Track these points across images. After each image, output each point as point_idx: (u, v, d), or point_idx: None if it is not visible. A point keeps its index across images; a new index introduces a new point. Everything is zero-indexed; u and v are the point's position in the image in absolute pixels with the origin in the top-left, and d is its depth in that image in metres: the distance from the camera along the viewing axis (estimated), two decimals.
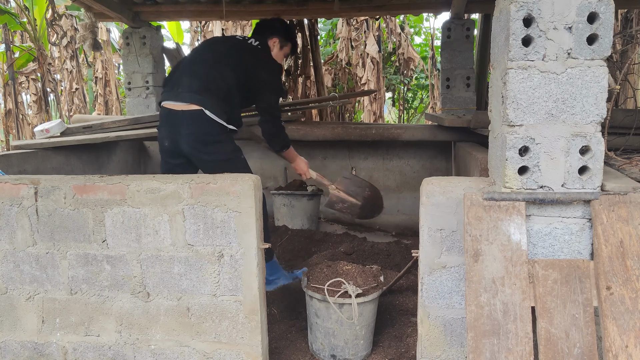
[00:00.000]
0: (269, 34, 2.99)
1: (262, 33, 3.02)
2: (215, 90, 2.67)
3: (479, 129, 3.28)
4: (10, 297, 2.09)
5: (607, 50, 1.54)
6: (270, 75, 2.86)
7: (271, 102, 2.84)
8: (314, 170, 3.20)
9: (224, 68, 2.74)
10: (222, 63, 2.77)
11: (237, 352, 1.99)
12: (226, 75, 2.73)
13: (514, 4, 1.53)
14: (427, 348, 1.86)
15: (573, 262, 1.57)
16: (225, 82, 2.71)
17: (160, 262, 1.98)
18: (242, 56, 2.84)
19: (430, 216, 1.79)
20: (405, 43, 8.19)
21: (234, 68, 2.76)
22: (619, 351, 1.47)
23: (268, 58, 2.94)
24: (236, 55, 2.83)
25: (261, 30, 3.05)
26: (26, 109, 8.66)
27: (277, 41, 2.99)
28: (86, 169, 3.96)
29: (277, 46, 3.00)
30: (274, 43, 2.99)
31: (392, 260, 3.40)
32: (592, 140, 1.58)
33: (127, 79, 4.62)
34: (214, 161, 2.69)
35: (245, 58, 2.83)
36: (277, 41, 2.99)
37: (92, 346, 2.07)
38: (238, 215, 1.90)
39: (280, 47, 3.02)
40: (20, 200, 2.02)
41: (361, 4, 4.35)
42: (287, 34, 3.05)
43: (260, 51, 2.94)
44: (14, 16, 6.42)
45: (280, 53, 3.04)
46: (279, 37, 2.99)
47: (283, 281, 2.90)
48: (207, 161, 2.71)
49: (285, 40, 3.04)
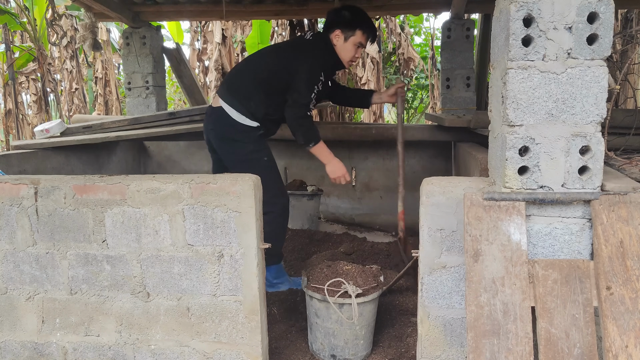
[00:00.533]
0: (330, 28, 2.78)
1: (326, 27, 2.82)
2: (242, 88, 2.71)
3: (479, 129, 3.28)
4: (10, 297, 2.09)
5: (607, 50, 1.54)
6: (304, 67, 2.64)
7: (300, 90, 2.63)
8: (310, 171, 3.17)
9: (258, 66, 2.77)
10: (256, 61, 2.82)
11: (237, 352, 1.99)
12: (258, 72, 2.72)
13: (514, 4, 1.53)
14: (427, 348, 1.86)
15: (573, 262, 1.57)
16: (254, 80, 2.70)
17: (160, 262, 1.98)
18: (281, 53, 2.77)
19: (430, 216, 1.79)
20: (405, 43, 8.19)
21: (269, 66, 2.72)
22: (619, 351, 1.47)
23: (308, 51, 2.71)
24: (275, 53, 2.82)
25: (325, 24, 2.86)
26: (26, 109, 8.66)
27: (339, 33, 2.75)
28: (86, 169, 3.96)
29: (340, 38, 2.76)
30: (336, 36, 2.76)
31: (392, 260, 3.40)
32: (592, 140, 1.58)
33: (127, 79, 4.62)
34: (232, 160, 2.75)
35: (284, 54, 2.74)
36: (339, 33, 2.75)
37: (92, 346, 2.07)
38: (238, 215, 1.90)
39: (345, 39, 2.76)
40: (20, 200, 2.02)
41: (361, 4, 4.34)
42: (350, 22, 2.74)
43: (305, 44, 2.79)
44: (14, 16, 6.42)
45: (347, 45, 2.76)
46: (341, 28, 2.74)
47: (285, 287, 2.88)
48: (228, 159, 2.79)
49: (350, 29, 2.74)
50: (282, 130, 3.98)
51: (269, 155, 2.77)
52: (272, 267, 2.83)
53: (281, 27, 7.88)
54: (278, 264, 2.87)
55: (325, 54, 2.74)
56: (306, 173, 4.54)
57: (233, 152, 2.73)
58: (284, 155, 4.46)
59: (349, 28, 2.73)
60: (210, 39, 7.65)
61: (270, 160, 2.77)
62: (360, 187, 4.57)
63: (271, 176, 2.69)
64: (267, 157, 2.74)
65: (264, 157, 2.72)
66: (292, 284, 2.92)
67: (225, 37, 7.19)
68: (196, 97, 5.24)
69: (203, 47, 8.11)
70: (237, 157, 2.72)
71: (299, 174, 4.49)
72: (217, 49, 7.14)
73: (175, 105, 11.29)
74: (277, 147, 4.40)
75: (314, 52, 2.71)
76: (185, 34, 8.66)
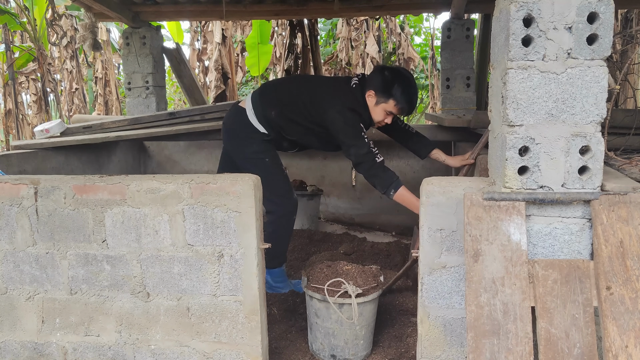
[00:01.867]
0: (368, 84, 2.57)
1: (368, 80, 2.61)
2: (271, 99, 2.71)
3: (479, 129, 3.28)
4: (10, 297, 2.09)
5: (607, 50, 1.54)
6: (333, 110, 2.50)
7: (348, 141, 2.47)
8: (310, 170, 3.13)
9: (293, 87, 2.77)
10: (294, 82, 2.91)
11: (237, 352, 1.99)
12: (292, 93, 2.69)
13: (514, 4, 1.53)
14: (427, 348, 1.86)
15: (573, 262, 1.57)
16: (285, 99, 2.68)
17: (160, 262, 1.98)
18: (319, 87, 2.66)
19: (430, 216, 1.79)
20: (405, 43, 8.19)
21: (302, 93, 2.64)
22: (619, 351, 1.47)
23: (339, 96, 2.56)
24: (314, 83, 2.75)
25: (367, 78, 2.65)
26: (26, 109, 8.66)
27: (372, 94, 2.54)
28: (86, 169, 3.96)
29: (372, 100, 2.55)
30: (369, 96, 2.55)
31: (392, 260, 3.40)
32: (592, 140, 1.58)
33: (127, 79, 4.62)
34: (237, 157, 2.80)
35: (321, 90, 2.62)
36: (372, 94, 2.54)
37: (92, 346, 2.07)
38: (238, 215, 1.90)
39: (375, 102, 2.54)
40: (20, 200, 2.02)
41: (361, 4, 4.35)
42: (386, 87, 2.50)
43: (343, 88, 2.60)
44: (14, 16, 6.42)
45: (377, 109, 2.56)
46: (374, 90, 2.53)
47: (285, 290, 2.88)
48: (234, 155, 2.83)
49: (383, 96, 2.51)
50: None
51: (273, 157, 2.76)
52: (274, 270, 2.81)
53: (281, 27, 7.88)
54: (279, 267, 2.85)
55: (356, 105, 2.56)
56: (306, 173, 4.54)
57: (237, 148, 2.78)
58: (283, 156, 4.45)
59: (383, 92, 2.52)
60: (210, 39, 7.65)
61: (273, 162, 2.75)
62: (360, 187, 4.57)
63: (273, 177, 2.68)
64: (269, 159, 2.73)
65: (266, 159, 2.72)
66: (292, 288, 2.91)
67: (225, 37, 7.20)
68: (196, 97, 5.24)
69: (203, 47, 8.11)
70: (241, 154, 2.77)
71: (299, 174, 4.49)
72: (217, 49, 7.14)
73: (175, 105, 11.29)
74: None
75: (345, 99, 2.55)
76: (185, 34, 8.66)
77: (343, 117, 2.49)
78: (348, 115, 2.50)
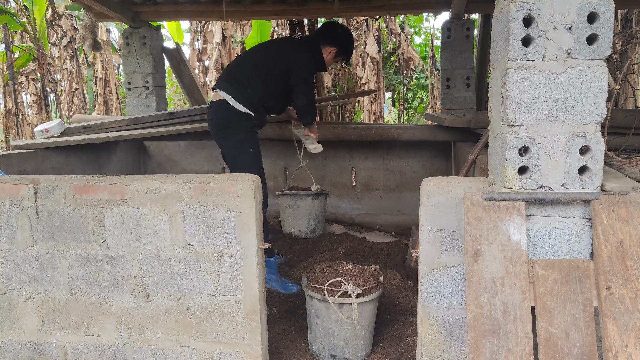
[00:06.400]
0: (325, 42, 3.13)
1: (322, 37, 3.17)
2: (241, 77, 2.96)
3: (479, 129, 3.28)
4: (10, 297, 2.09)
5: (607, 50, 1.54)
6: (303, 60, 2.99)
7: (306, 79, 2.99)
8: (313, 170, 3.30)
9: (256, 57, 3.04)
10: (254, 54, 3.11)
11: (237, 352, 1.99)
12: (257, 63, 2.99)
13: (514, 4, 1.53)
14: (427, 348, 1.86)
15: (573, 262, 1.57)
16: (254, 69, 2.96)
17: (160, 262, 1.98)
18: (280, 46, 3.16)
19: (430, 216, 1.79)
20: (405, 43, 8.19)
21: (268, 57, 3.02)
22: (618, 351, 1.47)
23: (305, 47, 3.07)
24: (273, 47, 3.16)
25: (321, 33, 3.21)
26: (26, 109, 8.65)
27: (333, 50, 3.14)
28: (86, 169, 3.96)
29: (331, 55, 3.15)
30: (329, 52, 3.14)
31: (392, 260, 3.40)
32: (592, 140, 1.58)
33: (127, 79, 4.62)
34: (225, 147, 2.98)
35: (284, 47, 3.11)
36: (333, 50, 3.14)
37: (92, 346, 2.07)
38: (238, 215, 1.90)
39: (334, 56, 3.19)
40: (20, 200, 2.02)
41: (361, 4, 4.34)
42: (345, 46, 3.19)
43: (301, 42, 3.13)
44: (14, 16, 6.42)
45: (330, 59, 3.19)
46: (337, 47, 3.14)
47: (273, 285, 2.86)
48: (223, 147, 3.01)
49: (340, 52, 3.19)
50: (282, 131, 4.01)
51: (255, 148, 2.96)
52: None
53: (281, 27, 7.88)
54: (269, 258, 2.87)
55: (315, 55, 3.12)
56: (306, 173, 4.53)
57: (226, 139, 2.95)
58: (283, 156, 4.46)
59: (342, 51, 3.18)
60: (210, 39, 7.65)
61: (255, 152, 2.95)
62: (360, 187, 4.57)
63: (252, 165, 2.88)
64: (252, 149, 2.92)
65: (250, 149, 2.91)
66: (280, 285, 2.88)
67: (225, 37, 7.20)
68: (196, 97, 5.24)
69: (203, 47, 8.11)
70: (229, 143, 2.95)
71: (299, 174, 4.48)
72: (217, 49, 7.14)
73: (175, 105, 11.29)
74: (277, 147, 4.41)
75: (309, 49, 3.10)
76: (185, 34, 8.66)
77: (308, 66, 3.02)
78: (311, 65, 3.04)
